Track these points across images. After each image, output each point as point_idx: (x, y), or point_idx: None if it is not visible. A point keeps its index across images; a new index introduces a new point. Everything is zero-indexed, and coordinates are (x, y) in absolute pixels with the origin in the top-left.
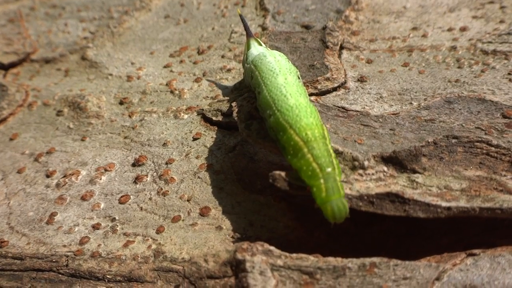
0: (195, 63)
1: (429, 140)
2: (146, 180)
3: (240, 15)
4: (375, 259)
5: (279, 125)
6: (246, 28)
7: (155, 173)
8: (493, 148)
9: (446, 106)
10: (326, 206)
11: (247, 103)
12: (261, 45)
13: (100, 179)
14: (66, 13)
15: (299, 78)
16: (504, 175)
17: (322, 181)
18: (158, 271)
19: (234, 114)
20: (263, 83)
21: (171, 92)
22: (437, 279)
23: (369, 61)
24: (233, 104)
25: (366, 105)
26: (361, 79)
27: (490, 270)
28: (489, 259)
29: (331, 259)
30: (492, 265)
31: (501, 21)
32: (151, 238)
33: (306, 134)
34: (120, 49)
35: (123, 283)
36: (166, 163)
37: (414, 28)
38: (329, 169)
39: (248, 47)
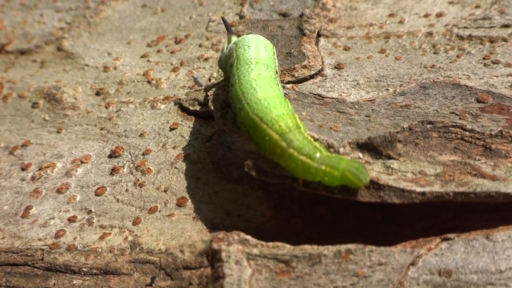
0: (172, 52)
1: (404, 126)
2: (123, 171)
3: (223, 18)
4: (351, 246)
5: (249, 120)
6: (227, 28)
7: (131, 164)
8: (467, 133)
9: (421, 92)
10: (345, 176)
11: (222, 92)
12: None
13: (76, 171)
14: (41, 3)
15: (276, 73)
16: (478, 160)
17: (322, 167)
18: (135, 263)
19: (210, 103)
20: (237, 75)
21: (148, 82)
22: (412, 264)
23: (346, 48)
24: (209, 93)
25: (343, 92)
26: (338, 66)
27: (464, 254)
28: (463, 243)
29: (307, 246)
30: (466, 249)
31: (477, 6)
32: (127, 230)
33: (279, 126)
34: (97, 39)
35: (99, 276)
36: (143, 154)
37: (391, 15)
38: (318, 154)
39: (229, 42)
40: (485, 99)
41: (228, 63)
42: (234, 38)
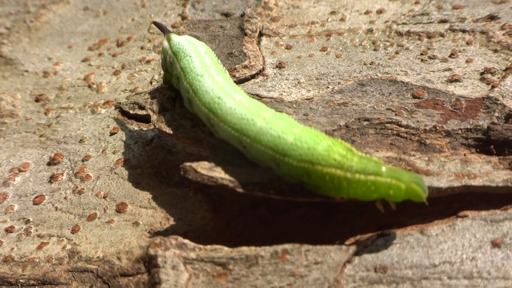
0: (114, 55)
1: (341, 124)
2: (62, 178)
3: (155, 23)
4: (287, 246)
5: (297, 169)
6: (163, 30)
7: (71, 171)
8: (403, 129)
9: (359, 89)
10: (411, 189)
11: (159, 95)
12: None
13: (14, 180)
14: None
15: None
16: (413, 155)
17: (389, 180)
18: (73, 272)
19: (147, 106)
20: (247, 136)
21: (89, 86)
22: (349, 261)
23: (288, 47)
24: (146, 96)
25: (284, 91)
26: (280, 65)
27: (399, 249)
28: (399, 238)
29: (244, 248)
30: (401, 244)
31: (416, 2)
32: (66, 238)
33: (335, 160)
34: (37, 44)
35: (36, 287)
36: (83, 160)
37: (333, 12)
38: (383, 168)
39: (168, 39)
40: (421, 94)
41: (175, 74)
42: (174, 37)
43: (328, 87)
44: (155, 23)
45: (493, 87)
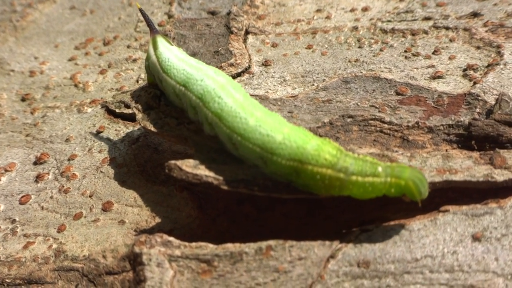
0: (100, 54)
1: (325, 121)
2: (48, 178)
3: (140, 10)
4: (271, 242)
5: (285, 168)
6: (149, 25)
7: (57, 170)
8: (386, 125)
9: (343, 86)
10: (407, 186)
11: (144, 93)
12: (171, 44)
13: (0, 180)
14: None
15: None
16: (396, 151)
17: (388, 179)
18: (59, 271)
19: (132, 105)
20: (225, 128)
21: (75, 85)
22: (332, 257)
23: (274, 45)
24: (132, 94)
25: (270, 89)
26: (266, 63)
27: (382, 244)
28: (381, 233)
29: (229, 245)
30: (384, 239)
31: (401, 0)
32: (52, 237)
33: (325, 159)
34: (23, 43)
35: (22, 286)
36: (69, 159)
37: (318, 10)
38: (380, 168)
39: (154, 46)
40: (404, 91)
41: (178, 96)
42: (160, 39)
43: (313, 85)
44: (142, 12)
45: (475, 83)
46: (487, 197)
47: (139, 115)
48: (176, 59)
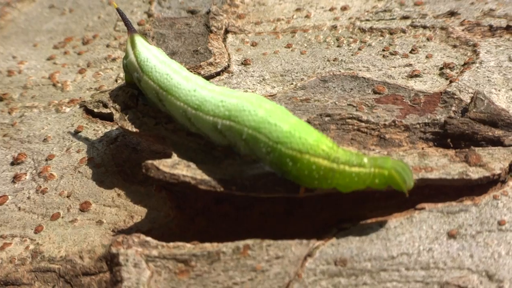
0: (79, 53)
1: (303, 120)
2: (25, 178)
3: (117, 9)
4: (249, 241)
5: (286, 157)
6: (127, 24)
7: (34, 171)
8: (363, 124)
9: (321, 85)
10: (391, 175)
11: (122, 93)
12: (149, 43)
13: None
14: None
15: None
16: (373, 149)
17: (372, 170)
18: (36, 272)
19: (110, 105)
20: (238, 121)
21: (54, 85)
22: (310, 255)
23: (254, 44)
24: (110, 94)
25: (249, 88)
26: (245, 63)
27: (359, 242)
28: (358, 231)
29: (206, 245)
30: (361, 237)
31: None
32: (29, 238)
33: (323, 150)
34: (1, 42)
35: None
36: (46, 160)
37: (298, 9)
38: (365, 159)
39: (132, 44)
40: (381, 90)
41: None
42: (138, 38)
43: (292, 84)
44: (119, 11)
45: (451, 82)
46: (463, 195)
47: (117, 115)
48: (157, 61)
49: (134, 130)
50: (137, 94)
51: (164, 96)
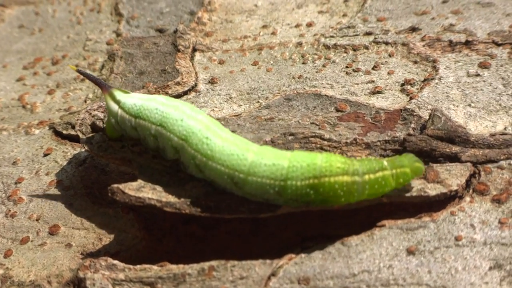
0: (49, 74)
1: (267, 139)
2: None
3: (78, 71)
4: (213, 262)
5: (305, 187)
6: (97, 82)
7: (3, 194)
8: (325, 142)
9: (285, 104)
10: (416, 167)
11: (89, 116)
12: (128, 92)
13: None
14: None
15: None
16: None
17: (394, 171)
18: None
19: (77, 128)
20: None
21: (23, 107)
22: (273, 274)
23: (221, 62)
24: (77, 117)
25: (216, 107)
26: (212, 81)
27: (321, 260)
28: (321, 250)
29: (172, 266)
30: (323, 256)
31: (344, 15)
32: None
33: (338, 167)
34: None
35: None
36: (16, 183)
37: (265, 26)
38: (385, 162)
39: (115, 100)
40: (343, 108)
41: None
42: (117, 92)
43: (258, 102)
44: (81, 72)
45: (411, 98)
46: (422, 211)
47: (83, 138)
48: (142, 101)
49: (101, 153)
50: (103, 117)
51: (159, 131)
